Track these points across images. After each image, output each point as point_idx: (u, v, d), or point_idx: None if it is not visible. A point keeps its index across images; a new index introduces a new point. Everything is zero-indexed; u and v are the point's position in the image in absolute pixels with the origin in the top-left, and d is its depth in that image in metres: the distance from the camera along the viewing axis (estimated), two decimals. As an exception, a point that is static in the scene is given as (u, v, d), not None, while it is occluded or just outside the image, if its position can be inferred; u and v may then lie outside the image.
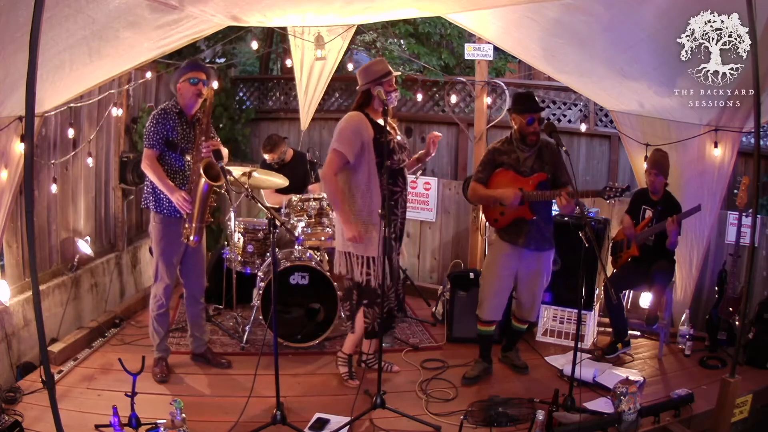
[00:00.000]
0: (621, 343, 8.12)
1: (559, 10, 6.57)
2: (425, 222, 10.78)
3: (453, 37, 15.16)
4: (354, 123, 6.55)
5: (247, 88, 15.82)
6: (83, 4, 5.42)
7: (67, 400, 6.34)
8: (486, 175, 7.09)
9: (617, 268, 8.47)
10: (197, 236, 6.68)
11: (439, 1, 7.31)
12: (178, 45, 7.58)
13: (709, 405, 6.49)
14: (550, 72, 8.95)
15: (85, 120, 8.76)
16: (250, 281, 8.62)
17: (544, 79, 13.23)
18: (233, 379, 7.14)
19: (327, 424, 6.13)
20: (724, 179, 8.16)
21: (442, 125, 14.09)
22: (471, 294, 8.19)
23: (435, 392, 7.02)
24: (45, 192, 8.00)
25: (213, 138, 6.86)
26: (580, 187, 6.93)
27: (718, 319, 8.21)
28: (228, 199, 7.96)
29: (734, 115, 7.43)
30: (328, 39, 9.33)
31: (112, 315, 8.56)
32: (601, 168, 13.58)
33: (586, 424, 6.03)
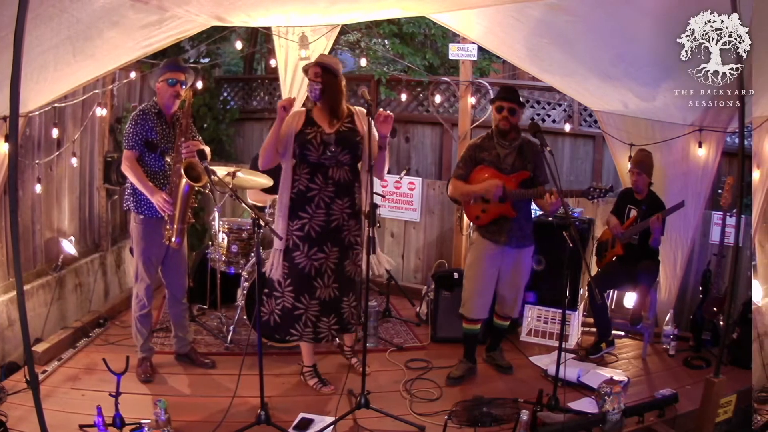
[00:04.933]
0: (605, 343, 8.14)
1: (543, 11, 6.58)
2: (409, 222, 10.79)
3: (437, 37, 15.13)
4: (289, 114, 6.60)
5: (231, 88, 15.78)
6: (67, 4, 5.41)
7: (51, 400, 6.31)
8: (466, 171, 7.11)
9: (602, 267, 8.49)
10: (179, 237, 6.69)
11: (423, 1, 7.32)
12: (162, 45, 7.56)
13: (693, 405, 6.51)
14: (535, 72, 8.95)
15: (70, 120, 8.75)
16: (235, 281, 8.59)
17: (529, 79, 13.23)
18: (217, 379, 7.14)
19: (311, 424, 6.12)
20: (708, 179, 8.20)
21: (427, 125, 14.08)
22: (455, 294, 8.19)
23: (419, 392, 7.02)
24: (29, 192, 7.99)
25: (195, 138, 6.86)
26: (565, 187, 6.95)
27: (703, 319, 8.24)
28: (212, 199, 7.95)
29: (718, 115, 7.46)
30: (313, 39, 9.33)
31: (96, 315, 8.54)
32: (585, 168, 13.58)
33: (571, 424, 6.04)
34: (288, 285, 6.65)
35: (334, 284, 6.68)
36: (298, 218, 6.54)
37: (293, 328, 6.69)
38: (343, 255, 6.70)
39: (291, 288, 6.65)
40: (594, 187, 6.65)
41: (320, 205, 6.54)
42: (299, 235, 6.56)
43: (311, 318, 6.69)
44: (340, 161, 6.50)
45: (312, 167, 6.52)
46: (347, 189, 6.61)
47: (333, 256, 6.63)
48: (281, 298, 6.67)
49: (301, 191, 6.53)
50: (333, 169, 6.53)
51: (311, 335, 6.74)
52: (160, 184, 6.71)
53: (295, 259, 6.59)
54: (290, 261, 6.61)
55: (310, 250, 6.58)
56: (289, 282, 6.65)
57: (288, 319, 6.70)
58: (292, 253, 6.60)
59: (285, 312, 6.68)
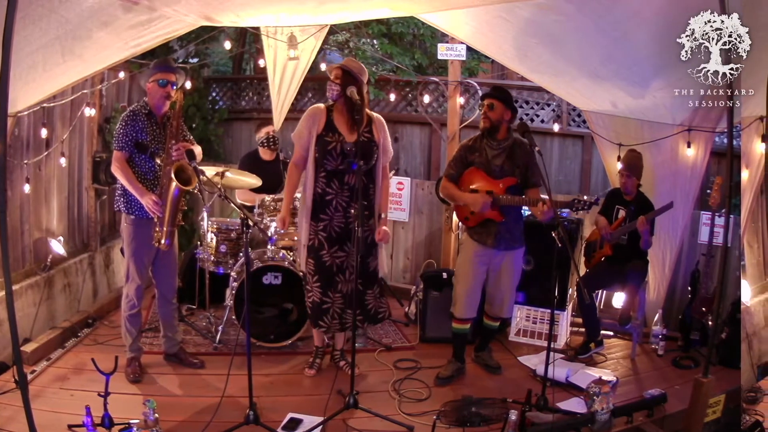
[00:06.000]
0: (594, 343, 8.16)
1: (532, 11, 6.59)
2: (398, 222, 10.79)
3: (426, 37, 15.15)
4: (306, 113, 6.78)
5: (220, 88, 15.77)
6: (56, 4, 5.41)
7: (40, 400, 6.29)
8: (457, 172, 7.12)
9: (590, 267, 8.50)
10: (168, 239, 6.68)
11: (412, 1, 7.33)
12: (151, 45, 7.56)
13: (682, 405, 6.51)
14: (524, 72, 8.96)
15: (58, 120, 8.73)
16: (223, 281, 8.58)
17: (517, 79, 13.25)
18: (206, 379, 7.13)
19: (300, 424, 6.12)
20: (697, 179, 8.21)
21: (415, 125, 14.10)
22: (444, 294, 8.22)
23: (408, 392, 7.02)
24: (18, 192, 7.96)
25: (186, 139, 6.86)
26: (553, 187, 6.96)
27: (691, 319, 8.25)
28: (201, 199, 7.94)
29: (707, 115, 7.48)
30: (301, 39, 9.31)
31: (85, 315, 8.53)
32: (573, 168, 13.60)
33: (559, 424, 6.04)
34: (315, 281, 6.93)
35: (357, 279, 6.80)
36: (320, 220, 6.84)
37: (321, 320, 6.96)
38: (365, 252, 6.88)
39: (318, 284, 6.92)
40: (578, 199, 6.68)
41: (338, 208, 6.80)
42: (324, 236, 6.85)
43: (337, 310, 6.95)
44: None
45: (329, 173, 6.74)
46: (363, 193, 6.71)
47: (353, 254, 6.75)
48: (311, 293, 6.95)
49: (319, 194, 6.78)
50: (349, 175, 6.73)
51: (338, 326, 7.05)
52: (150, 185, 6.69)
53: (322, 257, 6.87)
54: (317, 259, 6.91)
55: (332, 248, 6.86)
56: (317, 278, 6.92)
57: (317, 311, 6.95)
58: (319, 252, 6.88)
59: (314, 305, 6.95)
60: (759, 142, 7.21)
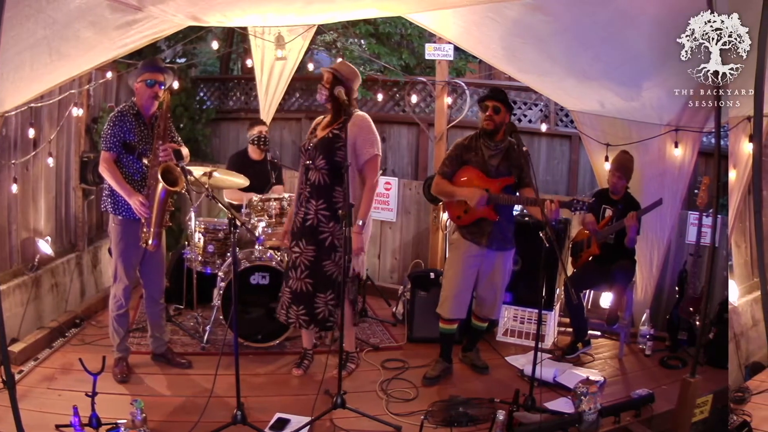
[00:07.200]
0: (581, 343, 8.17)
1: (520, 11, 6.59)
2: (386, 222, 10.78)
3: (413, 37, 15.20)
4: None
5: (207, 88, 15.79)
6: (44, 4, 5.40)
7: (27, 400, 6.28)
8: (451, 170, 7.10)
9: (578, 267, 8.51)
10: (156, 240, 6.67)
11: (399, 1, 7.32)
12: (138, 45, 7.53)
13: (669, 405, 6.53)
14: (511, 72, 8.96)
15: (46, 120, 8.70)
16: (211, 281, 8.57)
17: (505, 79, 13.27)
18: (194, 379, 7.13)
19: (287, 424, 6.13)
20: (684, 179, 8.23)
21: (403, 125, 14.15)
22: (431, 294, 8.20)
23: (395, 392, 7.03)
24: (5, 192, 7.95)
25: (174, 140, 6.86)
26: (541, 187, 6.97)
27: (679, 319, 8.28)
28: (189, 199, 7.94)
29: (695, 115, 7.49)
30: (289, 39, 9.32)
31: (72, 315, 8.50)
32: (561, 168, 13.63)
33: (547, 424, 6.06)
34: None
35: (306, 279, 6.87)
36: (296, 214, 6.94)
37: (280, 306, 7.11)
38: (321, 254, 6.85)
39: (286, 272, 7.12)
40: (577, 199, 6.66)
41: (302, 203, 6.88)
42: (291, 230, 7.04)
43: (286, 302, 7.04)
44: (316, 165, 6.72)
45: (304, 168, 6.89)
46: (322, 191, 6.76)
47: (308, 253, 6.86)
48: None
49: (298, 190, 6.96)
50: (312, 171, 6.78)
51: (284, 317, 7.11)
52: (138, 186, 6.68)
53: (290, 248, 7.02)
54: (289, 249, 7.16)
55: (291, 242, 7.02)
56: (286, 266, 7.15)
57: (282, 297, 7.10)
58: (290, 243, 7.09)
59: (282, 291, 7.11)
60: (746, 142, 7.22)
